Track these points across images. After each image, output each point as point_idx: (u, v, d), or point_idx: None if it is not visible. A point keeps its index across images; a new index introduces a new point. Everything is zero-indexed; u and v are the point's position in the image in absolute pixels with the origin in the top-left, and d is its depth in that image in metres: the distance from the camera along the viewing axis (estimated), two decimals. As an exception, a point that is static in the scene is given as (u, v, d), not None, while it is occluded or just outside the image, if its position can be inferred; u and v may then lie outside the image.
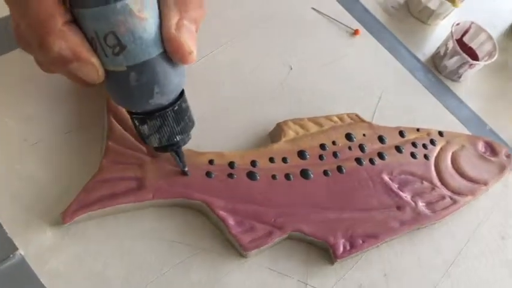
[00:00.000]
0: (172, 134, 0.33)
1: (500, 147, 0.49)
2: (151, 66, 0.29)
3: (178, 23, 0.29)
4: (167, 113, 0.32)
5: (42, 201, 0.35)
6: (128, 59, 0.29)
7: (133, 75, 0.29)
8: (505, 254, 0.45)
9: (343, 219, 0.40)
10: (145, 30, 0.28)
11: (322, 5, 0.54)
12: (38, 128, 0.37)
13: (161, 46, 0.29)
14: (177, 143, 0.34)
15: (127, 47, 0.28)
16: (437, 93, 0.53)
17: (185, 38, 0.29)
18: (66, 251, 0.34)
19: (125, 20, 0.27)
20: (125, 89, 0.30)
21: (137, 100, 0.31)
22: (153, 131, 0.32)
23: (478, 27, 0.57)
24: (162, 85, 0.30)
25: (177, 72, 0.31)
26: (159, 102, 0.31)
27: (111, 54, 0.28)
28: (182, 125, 0.33)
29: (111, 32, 0.27)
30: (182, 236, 0.37)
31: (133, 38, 0.28)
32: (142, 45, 0.28)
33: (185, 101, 0.33)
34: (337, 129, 0.44)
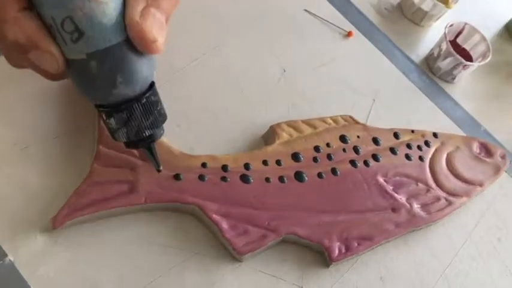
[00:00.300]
0: (140, 128, 0.31)
1: (495, 148, 0.49)
2: (113, 54, 0.28)
3: (144, 10, 0.27)
4: (134, 105, 0.30)
5: (32, 206, 0.34)
6: (88, 46, 0.27)
7: (94, 64, 0.28)
8: (501, 256, 0.44)
9: (338, 222, 0.39)
10: (104, 14, 0.27)
11: (315, 7, 0.54)
12: (28, 132, 0.37)
13: (124, 33, 0.28)
14: (147, 138, 0.32)
15: (85, 33, 0.27)
16: (431, 94, 0.53)
17: (149, 25, 0.27)
18: (57, 256, 0.33)
19: (81, 4, 0.26)
20: (86, 79, 0.29)
21: (99, 90, 0.29)
22: (120, 125, 0.31)
23: (472, 28, 0.57)
24: (126, 74, 0.29)
25: (144, 62, 0.30)
26: (124, 93, 0.29)
27: (70, 42, 0.27)
28: (151, 120, 0.31)
29: (68, 17, 0.26)
30: (175, 240, 0.36)
31: (92, 23, 0.27)
32: (102, 31, 0.27)
33: (155, 94, 0.32)
34: (331, 131, 0.44)
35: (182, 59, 0.45)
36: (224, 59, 0.46)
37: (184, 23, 0.47)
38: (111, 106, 0.30)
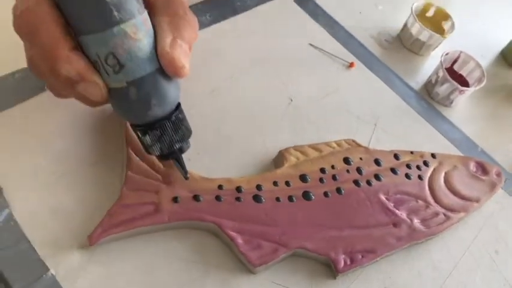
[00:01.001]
0: (171, 142, 0.36)
1: (491, 166, 0.52)
2: (148, 81, 0.33)
3: (172, 42, 0.33)
4: (166, 123, 0.36)
5: (70, 226, 0.39)
6: (127, 75, 0.33)
7: (133, 90, 0.33)
8: (498, 267, 0.47)
9: (343, 237, 0.43)
10: (140, 49, 0.32)
11: (319, 41, 0.58)
12: (64, 161, 0.42)
13: (157, 63, 0.33)
14: (176, 150, 0.37)
15: (125, 65, 0.32)
16: (430, 118, 0.57)
17: (177, 54, 0.33)
18: (93, 270, 0.37)
19: (121, 42, 0.31)
20: (126, 104, 0.34)
21: (137, 113, 0.35)
22: (154, 141, 0.36)
23: (467, 55, 0.61)
24: (159, 98, 0.34)
25: (173, 86, 0.35)
26: (157, 113, 0.35)
27: (112, 73, 0.32)
28: (180, 134, 0.37)
29: (111, 53, 0.32)
30: (196, 255, 0.40)
31: (130, 57, 0.32)
32: (138, 63, 0.32)
33: (181, 112, 0.37)
34: (336, 154, 0.48)
35: (199, 93, 0.50)
36: (237, 91, 0.51)
37: (201, 61, 0.52)
38: (146, 125, 0.35)
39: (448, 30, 0.64)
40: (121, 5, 0.31)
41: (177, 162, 0.39)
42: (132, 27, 0.32)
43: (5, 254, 0.36)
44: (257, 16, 0.58)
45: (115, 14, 0.31)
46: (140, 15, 0.32)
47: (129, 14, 0.31)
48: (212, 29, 0.55)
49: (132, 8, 0.32)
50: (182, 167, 0.39)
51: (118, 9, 0.31)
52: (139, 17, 0.32)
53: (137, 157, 0.42)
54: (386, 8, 0.69)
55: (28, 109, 0.44)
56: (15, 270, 0.36)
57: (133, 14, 0.32)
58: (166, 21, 0.34)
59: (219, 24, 0.56)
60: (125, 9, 0.31)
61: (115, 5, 0.31)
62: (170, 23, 0.34)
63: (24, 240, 0.37)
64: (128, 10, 0.31)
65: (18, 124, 0.43)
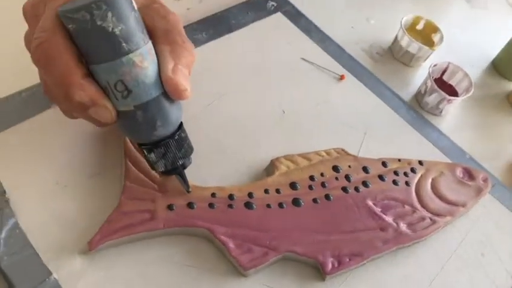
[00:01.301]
0: (175, 159, 0.40)
1: (477, 172, 0.54)
2: (153, 105, 0.36)
3: (174, 68, 0.36)
4: (169, 142, 0.39)
5: (72, 233, 0.41)
6: (134, 100, 0.36)
7: (140, 113, 0.36)
8: (484, 269, 0.49)
9: (331, 241, 0.45)
10: (146, 76, 0.35)
11: (311, 55, 0.61)
12: (67, 172, 0.45)
13: (161, 87, 0.36)
14: (179, 166, 0.41)
15: (133, 91, 0.35)
16: (419, 127, 0.59)
17: (180, 78, 0.36)
18: (93, 274, 0.40)
19: (129, 70, 0.34)
20: (133, 125, 0.37)
21: (144, 133, 0.38)
22: (159, 158, 0.39)
23: (455, 66, 0.63)
24: (163, 119, 0.37)
25: (176, 107, 0.38)
26: (162, 133, 0.38)
27: (121, 98, 0.35)
28: (183, 151, 0.40)
29: (120, 81, 0.35)
30: (191, 259, 0.43)
31: (138, 83, 0.35)
32: (145, 89, 0.35)
33: (184, 131, 0.40)
34: (325, 162, 0.50)
35: (195, 107, 0.53)
36: (231, 104, 0.54)
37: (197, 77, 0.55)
38: (151, 144, 0.39)
39: (437, 42, 0.66)
40: (129, 37, 0.34)
41: (180, 177, 0.42)
42: (139, 56, 0.34)
43: (11, 259, 0.39)
44: (251, 33, 0.61)
45: (123, 46, 0.34)
46: (145, 45, 0.35)
47: (136, 45, 0.34)
48: (208, 46, 0.58)
49: (139, 39, 0.34)
50: (185, 181, 0.43)
51: (126, 41, 0.34)
52: (144, 47, 0.35)
53: (134, 168, 0.45)
54: (377, 22, 0.71)
55: (33, 125, 0.47)
56: (20, 274, 0.38)
57: (140, 44, 0.35)
58: (167, 50, 0.37)
59: (215, 41, 0.59)
60: (132, 40, 0.34)
61: (123, 37, 0.33)
62: (171, 51, 0.37)
63: (29, 246, 0.40)
64: (135, 41, 0.34)
65: (24, 139, 0.46)
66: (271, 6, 0.65)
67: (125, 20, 0.33)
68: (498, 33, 0.75)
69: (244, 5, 0.64)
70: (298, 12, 0.66)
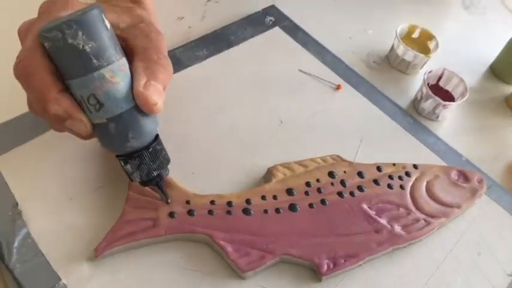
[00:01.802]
0: (150, 170, 0.41)
1: (472, 174, 0.56)
2: (125, 117, 0.38)
3: (146, 84, 0.38)
4: (144, 153, 0.41)
5: (79, 242, 0.44)
6: (106, 113, 0.38)
7: (112, 125, 0.38)
8: (480, 268, 0.50)
9: (326, 243, 0.47)
10: (117, 90, 0.37)
11: (308, 66, 0.63)
12: (74, 185, 0.47)
13: (133, 101, 0.38)
14: (155, 177, 0.42)
15: (104, 104, 0.37)
16: (415, 132, 0.60)
17: (150, 93, 0.38)
18: (99, 279, 0.43)
19: (100, 85, 0.37)
20: (107, 136, 0.39)
21: (117, 144, 0.40)
22: (134, 169, 0.41)
23: (450, 72, 0.65)
24: (135, 131, 0.39)
25: (149, 121, 0.40)
26: (135, 145, 0.40)
27: (94, 111, 0.38)
28: (157, 163, 0.42)
29: (92, 95, 0.37)
30: (191, 264, 0.45)
31: (109, 97, 0.37)
32: (116, 102, 0.38)
33: (159, 144, 0.42)
34: (321, 169, 0.52)
35: (195, 119, 0.55)
36: (230, 116, 0.56)
37: (197, 91, 0.58)
38: (126, 155, 0.41)
39: (433, 50, 0.68)
40: (99, 53, 0.36)
41: (158, 188, 0.44)
42: (109, 72, 0.37)
43: (23, 266, 0.42)
44: (250, 47, 0.64)
45: (94, 62, 0.36)
46: (117, 61, 0.37)
47: (107, 61, 0.37)
48: (208, 62, 0.61)
49: (110, 55, 0.37)
50: (163, 192, 0.44)
51: (97, 58, 0.36)
52: (116, 63, 0.37)
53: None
54: (375, 32, 0.73)
55: (42, 142, 0.50)
56: (32, 281, 0.41)
57: (111, 60, 0.37)
58: (141, 66, 0.39)
59: (214, 57, 0.62)
60: (103, 57, 0.36)
61: (94, 54, 0.36)
62: (145, 68, 0.39)
63: (40, 254, 0.43)
64: (106, 57, 0.36)
65: (34, 155, 0.49)
66: (269, 21, 0.68)
67: (95, 37, 0.36)
68: (496, 38, 0.76)
69: (243, 21, 0.67)
70: (296, 26, 0.68)
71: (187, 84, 0.58)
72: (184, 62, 0.60)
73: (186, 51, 0.61)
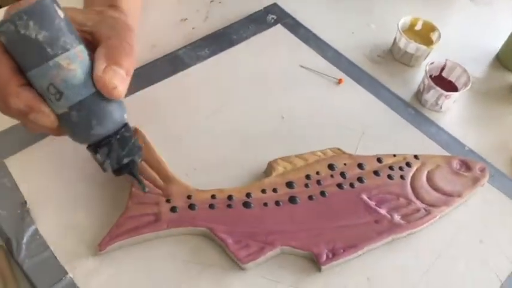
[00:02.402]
0: (119, 157, 0.41)
1: (474, 163, 0.56)
2: (86, 104, 0.38)
3: (106, 68, 0.38)
4: (111, 140, 0.40)
5: (85, 237, 0.46)
6: (67, 101, 0.38)
7: (74, 114, 0.38)
8: (482, 255, 0.50)
9: (326, 234, 0.48)
10: (75, 77, 0.37)
11: (309, 62, 0.64)
12: (79, 184, 0.49)
13: (93, 87, 0.38)
14: (127, 164, 0.42)
15: (64, 92, 0.37)
16: (418, 124, 0.61)
17: (109, 77, 0.38)
18: (104, 272, 0.44)
19: (57, 73, 0.37)
20: (71, 126, 0.39)
21: (82, 133, 0.40)
22: (104, 157, 0.41)
23: (452, 62, 0.65)
24: (99, 118, 0.39)
25: (113, 107, 0.40)
26: (100, 132, 0.40)
27: (55, 101, 0.38)
28: (127, 150, 0.41)
29: (51, 84, 0.37)
30: (193, 256, 0.46)
31: (67, 85, 0.37)
32: (75, 89, 0.38)
33: (128, 130, 0.42)
34: (321, 161, 0.53)
35: (197, 118, 0.57)
36: (231, 114, 0.58)
37: (199, 90, 0.59)
38: (94, 144, 0.41)
39: (435, 41, 0.68)
40: (53, 41, 0.36)
41: (132, 177, 0.44)
42: (65, 59, 0.37)
43: (32, 261, 0.44)
44: (251, 45, 0.65)
45: (48, 50, 0.36)
46: (73, 48, 0.37)
47: (62, 49, 0.37)
48: (210, 61, 0.62)
49: (64, 43, 0.37)
50: (138, 180, 0.44)
51: (51, 46, 0.36)
52: (72, 50, 0.37)
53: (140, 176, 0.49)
54: (378, 26, 0.74)
55: (49, 144, 0.52)
56: (40, 275, 0.43)
57: (66, 48, 0.37)
58: (102, 52, 0.39)
59: (217, 56, 0.63)
60: (57, 45, 0.36)
61: (47, 43, 0.36)
62: (106, 53, 0.39)
63: (48, 250, 0.45)
64: (60, 45, 0.36)
65: (42, 156, 0.51)
66: (271, 19, 0.69)
67: (47, 26, 0.36)
68: (502, 27, 0.76)
69: (245, 19, 0.68)
70: (297, 22, 0.69)
71: (189, 83, 0.60)
72: (187, 61, 0.62)
73: (188, 51, 0.63)
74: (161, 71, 0.60)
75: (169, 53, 0.62)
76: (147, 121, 0.54)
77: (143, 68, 0.60)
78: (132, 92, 0.57)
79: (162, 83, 0.59)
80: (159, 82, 0.59)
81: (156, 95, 0.58)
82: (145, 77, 0.59)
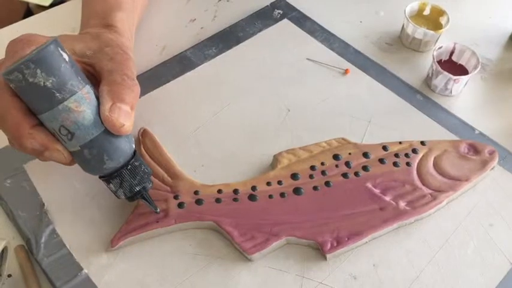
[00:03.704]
0: (132, 186, 0.43)
1: (483, 146, 0.55)
2: (97, 142, 0.40)
3: (111, 107, 0.40)
4: (123, 172, 0.42)
5: (99, 235, 0.48)
6: (78, 141, 0.40)
7: (86, 151, 0.40)
8: (493, 239, 0.50)
9: (330, 223, 0.49)
10: (84, 118, 0.39)
11: (316, 55, 0.65)
12: (94, 184, 0.52)
13: (102, 125, 0.40)
14: (139, 192, 0.44)
15: (75, 133, 0.39)
16: (426, 110, 0.60)
17: (116, 116, 0.40)
18: (117, 267, 0.47)
19: (67, 116, 0.38)
20: (85, 162, 0.41)
21: (95, 168, 0.42)
22: (117, 187, 0.43)
23: (462, 46, 0.64)
24: (109, 153, 0.41)
25: (123, 141, 0.42)
26: (112, 166, 0.42)
27: (68, 140, 0.40)
28: (138, 178, 0.44)
29: (62, 126, 0.39)
30: (202, 249, 0.48)
31: (77, 126, 0.39)
32: (85, 129, 0.39)
33: (137, 159, 0.44)
34: (326, 152, 0.54)
35: (205, 114, 0.58)
36: (238, 110, 0.59)
37: (206, 88, 0.61)
38: (107, 176, 0.43)
39: (444, 25, 0.68)
40: (61, 86, 0.38)
41: (144, 201, 0.46)
42: (74, 102, 0.38)
43: (49, 259, 0.46)
44: (258, 41, 0.66)
45: (57, 95, 0.38)
46: (80, 90, 0.39)
47: (70, 92, 0.38)
48: (217, 59, 0.64)
49: (72, 87, 0.38)
50: (150, 204, 0.46)
51: (59, 91, 0.38)
52: (79, 93, 0.39)
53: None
54: (387, 14, 0.74)
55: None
56: (57, 271, 0.46)
57: (74, 91, 0.38)
58: (105, 90, 0.41)
59: (224, 54, 0.65)
60: (65, 89, 0.38)
61: (56, 88, 0.37)
62: (109, 91, 0.41)
63: (64, 248, 0.47)
64: (68, 89, 0.38)
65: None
66: (278, 14, 0.70)
67: (54, 72, 0.37)
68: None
69: (251, 16, 0.69)
70: (304, 15, 0.70)
71: (197, 82, 0.62)
72: (195, 61, 0.63)
73: (196, 51, 0.64)
74: (170, 72, 0.62)
75: (177, 54, 0.64)
76: (156, 121, 0.57)
77: (153, 69, 0.63)
78: (141, 94, 0.58)
79: (171, 84, 0.61)
80: (168, 83, 0.61)
81: (165, 95, 0.60)
82: (154, 79, 0.61)
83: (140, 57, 0.62)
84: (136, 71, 0.48)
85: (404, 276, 0.47)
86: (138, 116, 0.56)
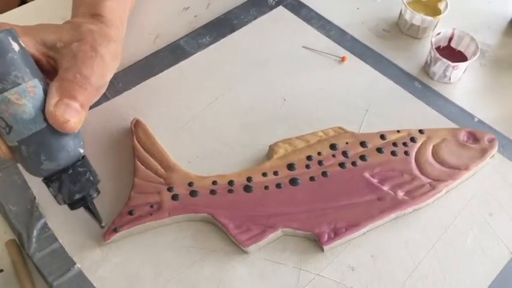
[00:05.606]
0: (71, 192, 0.40)
1: (483, 134, 0.54)
2: (35, 139, 0.38)
3: (58, 102, 0.38)
4: (62, 176, 0.40)
5: (92, 229, 0.47)
6: (16, 135, 0.38)
7: (23, 148, 0.38)
8: (492, 228, 0.49)
9: (327, 214, 0.48)
10: (24, 112, 0.37)
11: (312, 42, 0.64)
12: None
13: (44, 122, 0.38)
14: (80, 200, 0.41)
15: (13, 127, 0.37)
16: (424, 97, 0.59)
17: (61, 111, 0.38)
18: (110, 261, 0.46)
19: (6, 107, 0.37)
20: (22, 160, 0.39)
21: (32, 167, 0.39)
22: (55, 191, 0.40)
23: (460, 32, 0.63)
24: (48, 153, 0.38)
25: (65, 141, 0.39)
26: (50, 167, 0.39)
27: (6, 134, 0.38)
28: (79, 185, 0.40)
29: (0, 117, 0.37)
30: (196, 242, 0.47)
31: (16, 119, 0.37)
32: (24, 124, 0.37)
33: (83, 165, 0.41)
34: (322, 142, 0.53)
35: (199, 106, 0.57)
36: (233, 99, 0.58)
37: (200, 77, 0.60)
38: (48, 178, 0.40)
39: (443, 11, 0.66)
40: (3, 76, 0.36)
41: (88, 212, 0.43)
42: (14, 94, 0.37)
43: (41, 254, 0.45)
44: (253, 29, 0.65)
45: None
46: (25, 83, 0.37)
47: (12, 84, 0.36)
48: (211, 48, 0.63)
49: (15, 78, 0.37)
50: (94, 215, 0.43)
51: (0, 81, 0.36)
52: (23, 85, 0.37)
53: (143, 166, 0.50)
54: (384, 0, 0.72)
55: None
56: (49, 266, 0.45)
57: (17, 83, 0.37)
58: (55, 86, 0.39)
59: (218, 42, 0.63)
60: (7, 80, 0.36)
61: None
62: (58, 87, 0.39)
63: (56, 242, 0.46)
64: (11, 80, 0.36)
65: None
66: (273, 1, 0.68)
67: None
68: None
69: (246, 4, 0.68)
70: (299, 2, 0.68)
71: (191, 72, 0.60)
72: (188, 50, 0.62)
73: (189, 39, 0.63)
74: (163, 61, 0.61)
75: (171, 43, 0.63)
76: (150, 111, 0.56)
77: (146, 59, 0.61)
78: (134, 84, 0.58)
79: (164, 74, 0.60)
80: (161, 73, 0.60)
81: (158, 85, 0.59)
82: (147, 68, 0.60)
83: (133, 47, 0.61)
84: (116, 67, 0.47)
85: (403, 266, 0.47)
86: (130, 106, 0.55)
